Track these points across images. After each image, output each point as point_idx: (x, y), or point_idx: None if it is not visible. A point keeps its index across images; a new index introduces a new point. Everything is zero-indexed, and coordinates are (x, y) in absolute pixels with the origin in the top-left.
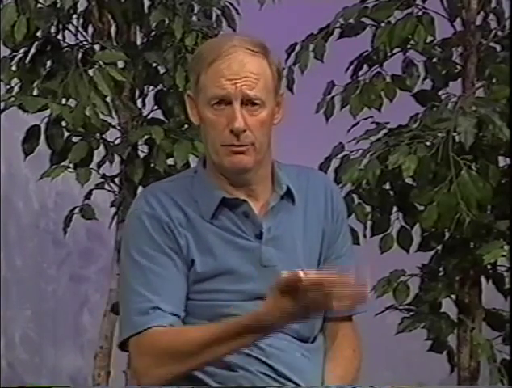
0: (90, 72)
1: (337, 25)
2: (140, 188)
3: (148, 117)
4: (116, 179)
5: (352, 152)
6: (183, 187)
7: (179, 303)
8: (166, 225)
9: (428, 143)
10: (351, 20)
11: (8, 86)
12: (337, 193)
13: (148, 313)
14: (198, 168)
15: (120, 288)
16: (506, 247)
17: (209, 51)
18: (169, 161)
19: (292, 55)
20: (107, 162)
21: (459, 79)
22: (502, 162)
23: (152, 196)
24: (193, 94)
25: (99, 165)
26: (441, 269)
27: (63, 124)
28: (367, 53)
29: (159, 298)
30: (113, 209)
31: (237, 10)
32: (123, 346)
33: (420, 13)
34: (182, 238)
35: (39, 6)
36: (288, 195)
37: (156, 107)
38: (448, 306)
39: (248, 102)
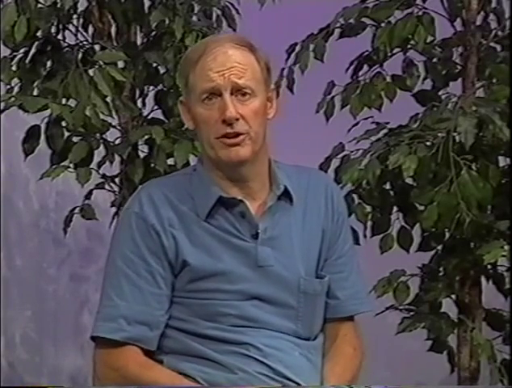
0: (91, 72)
1: (338, 25)
2: None
3: (149, 117)
4: (116, 179)
5: (352, 152)
6: (181, 183)
7: (151, 311)
8: (152, 227)
9: (428, 143)
10: (351, 20)
11: (8, 86)
12: (337, 193)
13: (113, 320)
14: (197, 166)
15: (102, 285)
16: (506, 247)
17: (195, 50)
18: (170, 161)
19: (292, 55)
20: (108, 162)
21: (460, 79)
22: (502, 162)
23: (145, 194)
24: (184, 98)
25: (99, 165)
26: (441, 269)
27: (63, 124)
28: (367, 53)
29: (126, 305)
30: (113, 209)
31: (237, 10)
32: (94, 338)
33: (420, 13)
34: (169, 239)
35: (39, 6)
36: (286, 195)
37: (156, 107)
38: (448, 306)
39: (238, 92)
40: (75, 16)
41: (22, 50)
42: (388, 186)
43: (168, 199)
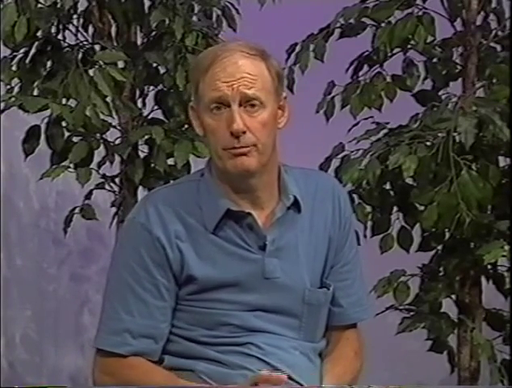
0: (91, 72)
1: (338, 25)
2: (140, 188)
3: (149, 117)
4: (116, 179)
5: (352, 152)
6: (188, 192)
7: (156, 324)
8: (157, 240)
9: (428, 143)
10: (351, 20)
11: (8, 86)
12: (345, 199)
13: (118, 334)
14: (205, 171)
15: (104, 291)
16: (506, 247)
17: (205, 58)
18: (170, 161)
19: (292, 55)
20: (108, 162)
21: (460, 79)
22: (502, 162)
23: (152, 205)
24: (194, 105)
25: (100, 165)
26: (441, 269)
27: (63, 124)
28: (367, 53)
29: (131, 319)
30: (113, 209)
31: (237, 10)
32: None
33: (420, 13)
34: (174, 252)
35: (39, 6)
36: (295, 205)
37: (156, 107)
38: (448, 306)
39: (247, 103)
40: (75, 16)
41: (22, 50)
42: (388, 186)
43: (175, 211)
